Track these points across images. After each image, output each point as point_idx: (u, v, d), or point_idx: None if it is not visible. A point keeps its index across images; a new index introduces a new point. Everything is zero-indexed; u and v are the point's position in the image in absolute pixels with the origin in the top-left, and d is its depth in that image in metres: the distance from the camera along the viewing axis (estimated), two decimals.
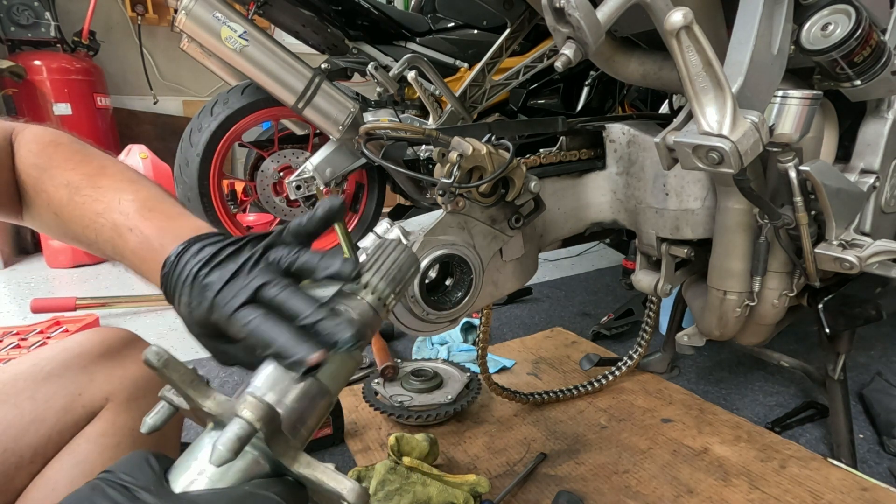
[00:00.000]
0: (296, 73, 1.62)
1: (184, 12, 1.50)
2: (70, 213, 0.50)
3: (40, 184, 0.52)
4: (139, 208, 0.47)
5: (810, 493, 0.91)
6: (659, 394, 1.25)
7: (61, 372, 0.53)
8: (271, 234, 0.43)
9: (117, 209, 0.47)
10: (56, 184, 0.50)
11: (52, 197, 0.51)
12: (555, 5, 0.62)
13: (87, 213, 0.49)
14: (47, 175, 0.51)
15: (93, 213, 0.48)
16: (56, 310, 1.81)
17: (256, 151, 2.26)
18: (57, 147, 0.53)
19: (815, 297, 0.96)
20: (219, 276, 0.40)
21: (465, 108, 1.86)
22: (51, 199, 0.51)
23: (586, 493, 0.93)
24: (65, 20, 3.00)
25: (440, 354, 1.47)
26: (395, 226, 0.71)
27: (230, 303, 0.38)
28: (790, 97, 0.71)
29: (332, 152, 1.82)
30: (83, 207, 0.49)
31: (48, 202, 0.51)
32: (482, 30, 2.30)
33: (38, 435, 0.49)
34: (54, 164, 0.52)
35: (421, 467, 0.87)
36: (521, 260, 0.82)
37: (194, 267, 0.40)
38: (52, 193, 0.51)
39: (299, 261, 0.41)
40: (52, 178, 0.51)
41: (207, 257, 0.41)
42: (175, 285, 0.41)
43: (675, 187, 0.89)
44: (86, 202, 0.49)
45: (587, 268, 2.40)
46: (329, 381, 0.38)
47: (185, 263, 0.41)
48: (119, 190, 0.49)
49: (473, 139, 0.70)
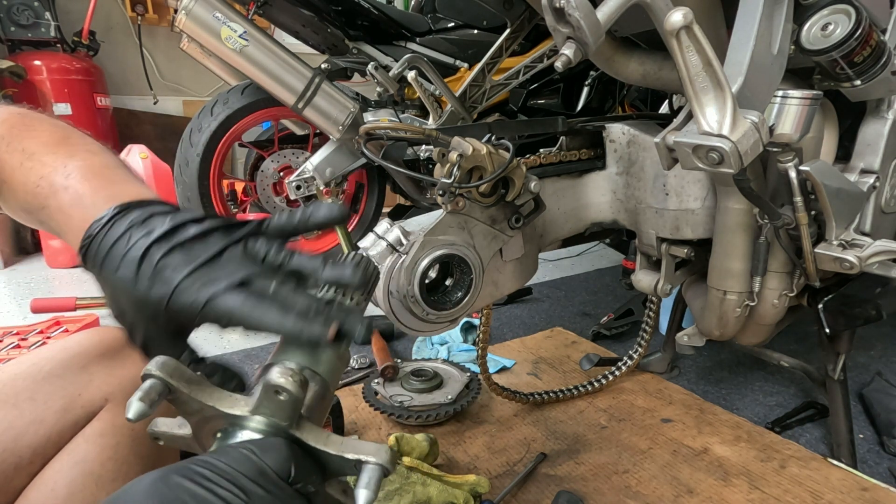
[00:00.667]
0: (296, 73, 1.62)
1: (184, 12, 1.50)
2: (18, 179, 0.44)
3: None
4: (84, 171, 0.42)
5: (810, 493, 0.91)
6: (659, 394, 1.25)
7: (61, 372, 0.53)
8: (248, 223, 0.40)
9: (62, 171, 0.42)
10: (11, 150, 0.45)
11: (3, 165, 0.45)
12: (555, 5, 0.62)
13: (31, 177, 0.43)
14: (4, 143, 0.45)
15: (36, 177, 0.43)
16: (56, 310, 1.80)
17: (256, 151, 2.26)
18: (22, 117, 0.48)
19: (815, 297, 0.96)
20: (182, 259, 0.36)
21: (465, 108, 1.86)
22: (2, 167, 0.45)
23: (586, 493, 0.93)
24: (65, 20, 3.00)
25: (440, 354, 1.47)
26: (395, 226, 0.71)
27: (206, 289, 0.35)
28: (790, 97, 0.71)
29: (332, 152, 1.81)
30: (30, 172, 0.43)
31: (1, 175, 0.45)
32: (482, 30, 2.30)
33: (37, 435, 0.49)
34: (14, 132, 0.46)
35: (421, 467, 0.87)
36: (521, 260, 0.82)
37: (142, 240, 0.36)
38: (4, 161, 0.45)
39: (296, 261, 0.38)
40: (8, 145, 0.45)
41: (162, 233, 0.36)
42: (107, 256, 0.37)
43: (675, 187, 0.89)
44: (34, 166, 0.43)
45: (587, 268, 2.40)
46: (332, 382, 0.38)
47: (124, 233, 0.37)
48: (72, 156, 0.44)
49: (473, 139, 0.70)
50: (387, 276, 0.69)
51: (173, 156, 2.07)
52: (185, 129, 2.02)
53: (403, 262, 0.68)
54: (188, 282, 0.35)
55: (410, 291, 0.69)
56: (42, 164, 0.43)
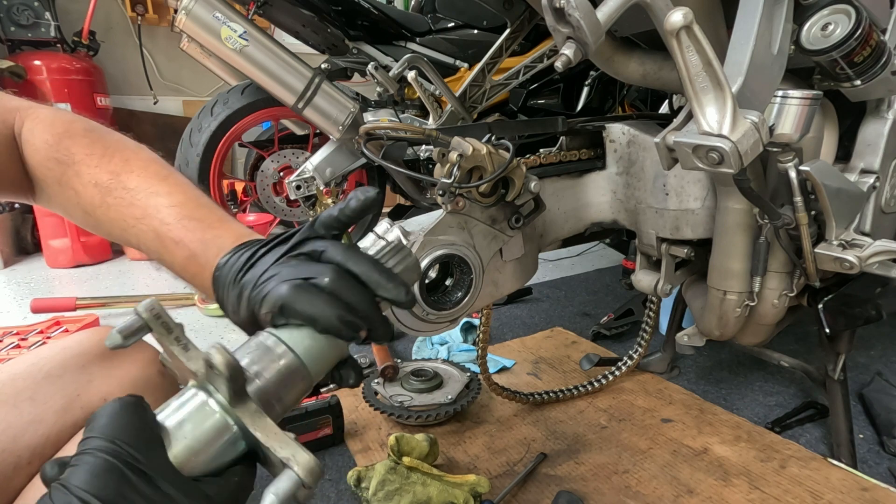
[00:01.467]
0: (296, 73, 1.62)
1: (184, 12, 1.50)
2: (104, 214, 0.50)
3: (65, 179, 0.51)
4: (178, 216, 0.48)
5: (810, 493, 0.91)
6: (659, 394, 1.25)
7: (60, 372, 0.53)
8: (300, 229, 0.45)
9: (156, 217, 0.49)
10: (84, 182, 0.51)
11: (82, 196, 0.51)
12: (555, 5, 0.62)
13: (124, 216, 0.50)
14: (72, 171, 0.51)
15: (130, 218, 0.49)
16: (56, 310, 1.81)
17: (256, 151, 2.26)
18: (73, 139, 0.52)
19: (815, 297, 0.96)
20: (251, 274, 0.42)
21: (465, 108, 1.85)
22: (80, 198, 0.51)
23: (586, 493, 0.93)
24: (65, 20, 3.00)
25: (440, 354, 1.47)
26: (395, 226, 0.71)
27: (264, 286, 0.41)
28: (790, 97, 0.71)
29: (332, 152, 1.81)
30: (119, 211, 0.50)
31: (77, 201, 0.51)
32: (482, 30, 2.30)
33: (36, 435, 0.49)
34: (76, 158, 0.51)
35: (421, 467, 0.87)
36: (521, 260, 0.82)
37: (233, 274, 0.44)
38: (80, 192, 0.51)
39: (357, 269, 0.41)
40: (77, 174, 0.51)
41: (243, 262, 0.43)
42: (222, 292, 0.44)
43: (675, 187, 0.89)
44: (120, 205, 0.50)
45: (587, 268, 2.40)
46: (311, 364, 0.39)
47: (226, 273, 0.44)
48: (152, 192, 0.50)
49: (473, 139, 0.70)
50: None
51: (173, 156, 2.07)
52: (185, 129, 2.02)
53: None
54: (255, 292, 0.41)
55: None
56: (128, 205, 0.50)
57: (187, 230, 0.48)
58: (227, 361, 0.33)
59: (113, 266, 2.61)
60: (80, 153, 0.52)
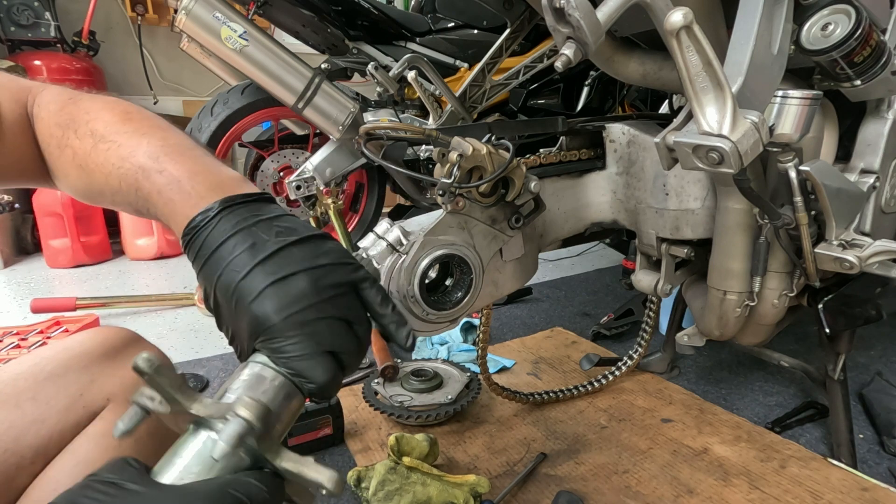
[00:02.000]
0: (296, 73, 1.62)
1: (184, 12, 1.50)
2: (94, 161, 0.47)
3: (64, 140, 0.49)
4: (169, 151, 0.45)
5: (810, 493, 0.92)
6: (659, 394, 1.25)
7: (62, 372, 0.53)
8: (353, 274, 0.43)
9: (144, 152, 0.45)
10: (80, 135, 0.48)
11: (77, 150, 0.48)
12: (555, 5, 0.62)
13: (110, 158, 0.46)
14: (71, 130, 0.49)
15: (117, 159, 0.45)
16: (56, 310, 1.81)
17: (256, 151, 2.27)
18: (77, 102, 0.51)
19: (815, 297, 0.96)
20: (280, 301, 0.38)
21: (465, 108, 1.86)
22: (75, 153, 0.48)
23: (586, 493, 0.93)
24: (65, 20, 3.00)
25: (440, 354, 1.47)
26: (395, 226, 0.71)
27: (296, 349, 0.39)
28: (790, 97, 0.71)
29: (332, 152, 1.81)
30: (107, 153, 0.46)
31: (73, 157, 0.49)
32: (482, 30, 2.30)
33: (39, 435, 0.49)
34: (76, 117, 0.49)
35: (421, 467, 0.87)
36: (521, 260, 0.82)
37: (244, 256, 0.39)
38: (76, 147, 0.48)
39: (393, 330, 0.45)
40: (76, 131, 0.48)
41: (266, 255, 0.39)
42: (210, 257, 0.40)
43: (675, 187, 0.89)
44: (110, 148, 0.46)
45: (587, 268, 2.40)
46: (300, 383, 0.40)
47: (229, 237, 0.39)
48: (145, 134, 0.46)
49: (473, 139, 0.70)
50: (387, 276, 0.69)
51: None
52: (185, 129, 2.02)
53: (403, 262, 0.68)
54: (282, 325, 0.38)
55: (410, 291, 0.69)
56: (118, 145, 0.45)
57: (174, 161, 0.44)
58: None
59: (113, 266, 2.61)
60: (80, 112, 0.50)
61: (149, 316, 1.90)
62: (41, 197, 2.51)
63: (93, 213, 2.60)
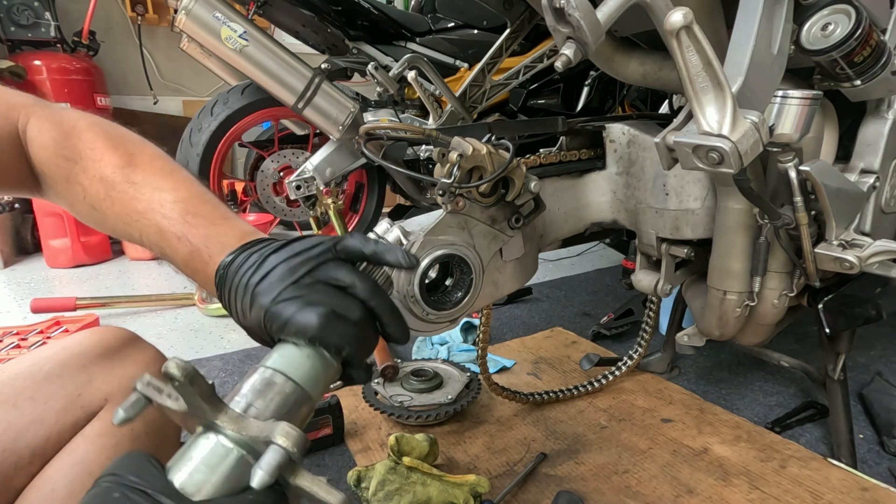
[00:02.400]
0: (296, 73, 1.62)
1: (184, 12, 1.50)
2: (108, 209, 0.50)
3: (73, 176, 0.52)
4: (182, 212, 0.49)
5: (810, 493, 0.91)
6: (659, 394, 1.25)
7: (60, 372, 0.53)
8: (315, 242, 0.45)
9: (159, 211, 0.49)
10: (90, 177, 0.51)
11: (88, 191, 0.51)
12: (555, 5, 0.62)
13: (127, 210, 0.49)
14: (79, 167, 0.51)
15: (134, 212, 0.49)
16: (56, 310, 1.81)
17: (256, 151, 2.27)
18: (79, 136, 0.53)
19: (815, 297, 0.96)
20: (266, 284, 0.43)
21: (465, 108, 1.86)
22: (86, 193, 0.51)
23: (586, 493, 0.93)
24: (65, 20, 3.00)
25: (440, 354, 1.47)
26: (395, 226, 0.71)
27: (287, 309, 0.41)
28: (790, 97, 0.71)
29: (332, 152, 1.81)
30: (122, 205, 0.50)
31: (84, 196, 0.52)
32: (482, 30, 2.30)
33: (37, 435, 0.49)
34: (83, 155, 0.52)
35: (421, 467, 0.87)
36: (521, 260, 0.82)
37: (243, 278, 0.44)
38: (87, 187, 0.51)
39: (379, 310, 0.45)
40: (84, 170, 0.51)
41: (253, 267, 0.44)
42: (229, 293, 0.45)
43: (675, 187, 0.89)
44: (124, 199, 0.50)
45: (587, 268, 2.40)
46: (311, 389, 0.40)
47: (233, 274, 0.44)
48: (157, 188, 0.50)
49: (473, 139, 0.70)
50: None
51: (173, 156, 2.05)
52: (185, 129, 2.02)
53: None
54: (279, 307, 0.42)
55: (410, 291, 0.69)
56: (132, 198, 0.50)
57: (190, 226, 0.48)
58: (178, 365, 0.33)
59: (113, 266, 2.61)
60: (86, 149, 0.52)
61: (149, 316, 1.90)
62: None
63: None
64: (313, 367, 0.40)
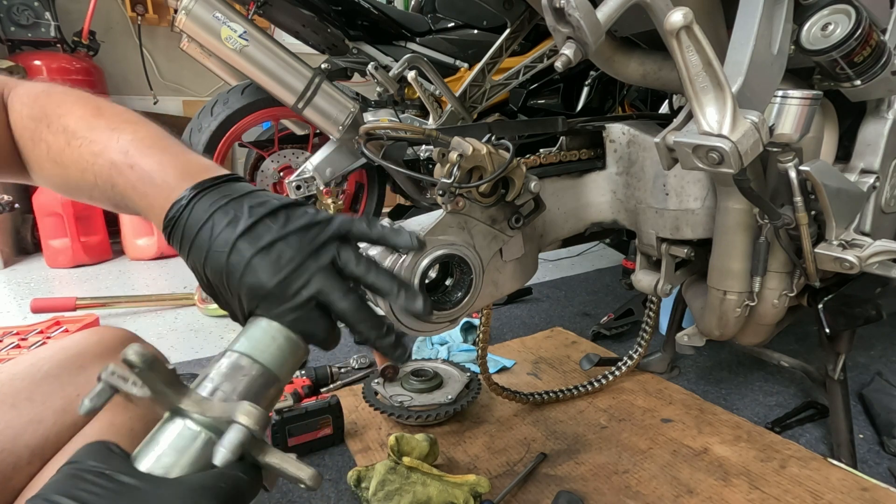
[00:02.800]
0: (296, 73, 1.62)
1: (184, 12, 1.50)
2: (68, 157, 0.47)
3: (38, 133, 0.49)
4: (138, 145, 0.45)
5: (810, 493, 0.91)
6: (659, 394, 1.25)
7: (59, 372, 0.53)
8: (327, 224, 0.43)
9: (115, 148, 0.45)
10: (54, 130, 0.48)
11: (51, 145, 0.49)
12: (555, 5, 0.62)
13: (84, 154, 0.46)
14: (44, 124, 0.49)
15: (90, 155, 0.46)
16: (56, 310, 1.81)
17: (256, 151, 2.26)
18: (49, 95, 0.51)
19: (815, 297, 0.96)
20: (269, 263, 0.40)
21: (465, 108, 1.86)
22: (49, 148, 0.49)
23: (586, 493, 0.93)
24: (65, 20, 3.00)
25: (440, 354, 1.47)
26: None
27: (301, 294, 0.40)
28: (790, 97, 0.71)
29: (332, 152, 1.82)
30: (80, 150, 0.47)
31: (47, 151, 0.49)
32: (482, 30, 2.30)
33: (35, 435, 0.49)
34: (48, 111, 0.50)
35: (421, 467, 0.87)
36: (521, 260, 0.82)
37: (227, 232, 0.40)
38: (50, 142, 0.49)
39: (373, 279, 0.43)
40: (49, 125, 0.49)
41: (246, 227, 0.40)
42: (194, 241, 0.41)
43: (675, 187, 0.89)
44: (82, 144, 0.47)
45: (587, 268, 2.40)
46: (279, 370, 0.40)
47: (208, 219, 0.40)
48: (116, 129, 0.47)
49: (473, 139, 0.70)
50: None
51: None
52: (186, 129, 2.02)
53: (403, 262, 0.68)
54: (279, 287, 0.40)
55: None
56: (90, 142, 0.46)
57: (144, 155, 0.45)
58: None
59: (113, 266, 2.61)
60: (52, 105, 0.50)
61: (149, 316, 1.90)
62: (41, 197, 2.51)
63: (93, 213, 2.60)
64: (280, 348, 0.40)
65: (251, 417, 0.34)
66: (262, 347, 0.40)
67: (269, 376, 0.39)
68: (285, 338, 0.41)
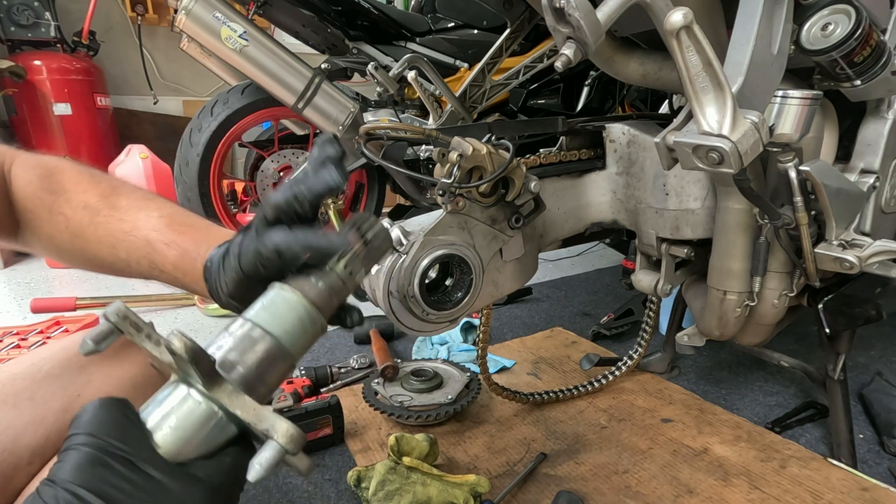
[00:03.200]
0: (296, 73, 1.62)
1: (184, 12, 1.50)
2: (92, 234, 0.52)
3: (56, 207, 0.53)
4: (169, 224, 0.51)
5: (810, 493, 0.91)
6: (659, 394, 1.25)
7: (59, 372, 0.53)
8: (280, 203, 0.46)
9: (147, 226, 0.51)
10: (73, 207, 0.53)
11: (71, 220, 0.53)
12: (555, 5, 0.62)
13: (113, 232, 0.51)
14: (63, 199, 0.53)
15: (120, 233, 0.51)
16: (56, 310, 1.81)
17: (256, 151, 2.27)
18: (63, 172, 0.55)
19: (815, 297, 0.96)
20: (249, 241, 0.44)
21: (465, 108, 1.86)
22: (69, 222, 0.53)
23: (586, 493, 0.93)
24: (65, 20, 3.00)
25: (440, 354, 1.47)
26: (395, 226, 0.71)
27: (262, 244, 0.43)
28: (790, 97, 0.71)
29: None
30: (107, 227, 0.51)
31: (66, 225, 0.53)
32: (482, 30, 2.30)
33: (36, 436, 0.49)
34: (66, 187, 0.54)
35: (421, 467, 0.87)
36: (521, 260, 0.82)
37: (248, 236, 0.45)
38: (70, 216, 0.53)
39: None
40: (68, 201, 0.53)
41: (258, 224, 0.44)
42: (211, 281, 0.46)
43: (675, 187, 0.89)
44: (109, 222, 0.51)
45: (587, 268, 2.40)
46: (290, 344, 0.39)
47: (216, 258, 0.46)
48: (141, 208, 0.52)
49: (473, 139, 0.70)
50: (387, 276, 0.69)
51: (173, 156, 2.07)
52: (185, 129, 2.02)
53: (403, 262, 0.68)
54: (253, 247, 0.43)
55: (410, 291, 0.69)
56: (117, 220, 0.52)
57: (178, 233, 0.50)
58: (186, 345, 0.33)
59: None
60: (70, 182, 0.54)
61: (149, 316, 1.90)
62: None
63: None
64: (296, 321, 0.39)
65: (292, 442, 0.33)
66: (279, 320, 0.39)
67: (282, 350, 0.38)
68: (304, 310, 0.40)
